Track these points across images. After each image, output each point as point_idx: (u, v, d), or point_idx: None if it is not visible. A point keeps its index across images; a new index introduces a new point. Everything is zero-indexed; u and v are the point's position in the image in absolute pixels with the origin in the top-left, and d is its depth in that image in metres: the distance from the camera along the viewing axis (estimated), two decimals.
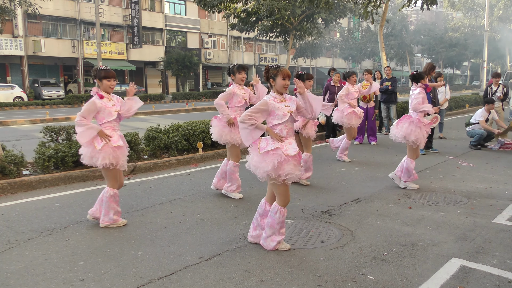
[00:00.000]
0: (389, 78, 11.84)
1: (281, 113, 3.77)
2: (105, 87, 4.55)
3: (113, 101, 4.62)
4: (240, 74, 5.67)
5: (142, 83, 39.40)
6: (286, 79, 3.83)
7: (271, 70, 3.87)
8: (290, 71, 4.01)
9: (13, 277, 3.42)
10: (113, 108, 4.56)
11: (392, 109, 11.88)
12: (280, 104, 3.81)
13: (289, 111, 3.80)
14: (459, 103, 19.48)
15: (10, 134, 12.70)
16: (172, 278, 3.39)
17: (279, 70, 3.83)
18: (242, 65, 5.75)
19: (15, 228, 4.56)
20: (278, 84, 3.85)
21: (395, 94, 11.87)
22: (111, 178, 4.62)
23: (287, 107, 3.81)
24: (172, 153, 8.10)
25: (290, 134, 3.85)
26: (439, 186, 6.31)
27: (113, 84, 4.58)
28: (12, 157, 6.35)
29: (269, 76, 3.89)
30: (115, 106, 4.60)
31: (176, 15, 41.61)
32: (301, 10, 26.56)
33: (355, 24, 55.79)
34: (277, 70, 3.84)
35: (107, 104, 4.53)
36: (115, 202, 4.62)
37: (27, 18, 31.21)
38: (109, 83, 4.55)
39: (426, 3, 15.42)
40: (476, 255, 3.81)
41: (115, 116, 4.56)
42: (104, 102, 4.52)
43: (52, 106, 25.07)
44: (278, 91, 3.88)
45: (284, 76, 3.82)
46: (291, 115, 3.82)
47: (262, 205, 4.06)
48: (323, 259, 3.74)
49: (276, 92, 3.89)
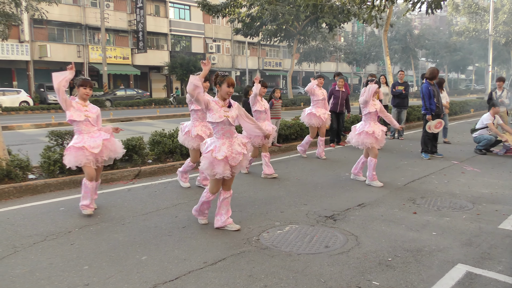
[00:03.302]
0: (402, 82, 11.85)
1: (217, 115, 4.35)
2: (81, 93, 5.12)
3: (87, 107, 5.14)
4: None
5: (146, 88, 39.55)
6: (231, 87, 4.38)
7: (219, 77, 4.41)
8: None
9: (18, 281, 3.43)
10: (84, 113, 5.06)
11: (403, 113, 11.91)
12: (219, 108, 4.38)
13: (226, 115, 4.37)
14: (464, 108, 19.41)
15: (16, 138, 12.77)
16: (177, 282, 3.39)
17: (225, 78, 4.37)
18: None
19: (20, 232, 4.58)
20: (222, 90, 4.39)
21: (407, 98, 11.89)
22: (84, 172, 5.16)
23: (225, 112, 4.39)
24: (176, 157, 8.12)
25: (227, 136, 4.44)
26: (444, 191, 6.28)
27: (88, 92, 5.14)
28: (18, 161, 6.39)
29: (216, 82, 4.42)
30: (87, 112, 5.10)
31: (181, 20, 41.80)
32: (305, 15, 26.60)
33: (359, 28, 55.81)
34: (224, 78, 4.38)
35: (80, 107, 5.07)
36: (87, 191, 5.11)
37: (33, 24, 31.44)
38: (85, 90, 5.11)
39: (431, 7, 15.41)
40: (482, 261, 3.78)
41: (83, 118, 5.03)
42: (78, 104, 5.07)
43: (58, 111, 25.17)
44: (222, 97, 4.43)
45: (229, 84, 4.37)
46: (228, 120, 4.38)
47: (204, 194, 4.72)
48: (328, 264, 3.73)
49: (220, 97, 4.43)
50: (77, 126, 5.07)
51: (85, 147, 4.98)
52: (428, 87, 8.87)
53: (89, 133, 5.11)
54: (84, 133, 5.09)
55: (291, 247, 4.09)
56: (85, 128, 5.09)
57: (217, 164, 4.35)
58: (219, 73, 4.45)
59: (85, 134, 5.09)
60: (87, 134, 5.09)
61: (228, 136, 4.47)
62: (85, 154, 5.00)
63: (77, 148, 4.97)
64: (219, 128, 4.43)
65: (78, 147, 4.97)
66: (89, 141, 5.04)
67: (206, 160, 4.40)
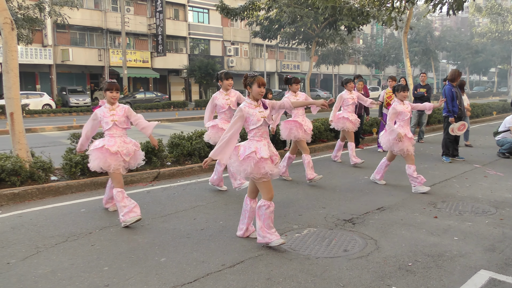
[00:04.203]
0: (424, 85, 11.70)
1: (255, 118, 4.15)
2: (108, 98, 5.06)
3: (115, 111, 5.06)
4: (227, 80, 6.28)
5: (165, 91, 39.95)
6: (262, 86, 4.19)
7: (249, 78, 4.24)
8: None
9: (40, 281, 3.50)
10: (110, 118, 5.00)
11: (424, 116, 11.74)
12: (254, 110, 4.18)
13: (263, 116, 4.18)
14: (486, 110, 19.02)
15: (39, 140, 13.04)
16: (195, 285, 3.40)
17: (255, 78, 4.19)
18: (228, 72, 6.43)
19: (43, 232, 4.67)
20: (254, 91, 4.19)
21: (429, 101, 11.71)
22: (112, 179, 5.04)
23: (261, 112, 4.19)
24: (195, 160, 8.17)
25: (265, 137, 4.25)
26: (466, 195, 6.16)
27: (115, 96, 5.06)
28: (41, 163, 6.52)
29: (247, 83, 4.25)
30: (114, 116, 5.03)
31: (200, 23, 42.14)
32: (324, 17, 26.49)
33: (378, 30, 55.31)
34: (254, 78, 4.20)
35: (106, 114, 5.02)
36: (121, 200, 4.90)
37: (56, 28, 32.13)
38: (111, 94, 5.03)
39: (452, 9, 15.16)
40: (505, 267, 3.69)
41: (111, 124, 4.99)
42: (103, 111, 5.04)
43: (79, 114, 25.67)
44: (254, 97, 4.24)
45: (259, 84, 4.18)
46: (265, 120, 4.19)
47: (245, 201, 4.43)
48: (347, 268, 3.69)
49: (252, 98, 4.25)
50: (108, 131, 5.02)
51: (119, 152, 4.92)
52: (451, 89, 8.72)
53: (121, 136, 5.06)
54: (116, 136, 5.02)
55: (309, 250, 4.07)
56: (116, 132, 5.04)
57: (264, 163, 4.09)
58: (248, 74, 4.29)
59: (117, 137, 5.02)
60: (119, 138, 5.03)
61: (265, 137, 4.27)
62: (118, 159, 4.93)
63: (110, 153, 4.88)
64: (257, 130, 4.21)
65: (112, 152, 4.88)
66: (121, 146, 4.98)
67: (251, 161, 4.08)
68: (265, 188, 4.17)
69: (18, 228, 4.82)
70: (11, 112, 6.62)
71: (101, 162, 4.89)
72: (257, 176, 4.11)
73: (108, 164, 4.89)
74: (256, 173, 4.08)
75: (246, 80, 4.24)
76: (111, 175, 4.99)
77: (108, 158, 4.88)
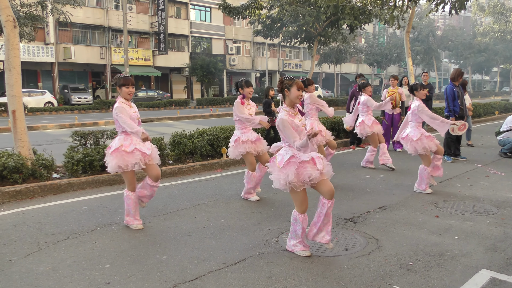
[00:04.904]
0: (426, 84, 11.67)
1: (299, 130, 3.84)
2: (124, 93, 4.67)
3: (133, 107, 4.78)
4: (248, 88, 5.87)
5: (167, 89, 39.98)
6: (301, 90, 3.89)
7: (286, 81, 3.92)
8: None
9: (42, 278, 3.51)
10: (135, 115, 4.71)
11: None
12: (294, 119, 3.89)
13: (303, 125, 3.92)
14: (488, 110, 18.99)
15: (41, 138, 13.07)
16: (196, 283, 3.41)
17: (294, 81, 3.89)
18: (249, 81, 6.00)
19: (44, 230, 4.68)
20: (292, 95, 3.89)
21: (431, 100, 11.68)
22: (125, 181, 4.84)
23: (301, 121, 3.92)
24: (196, 158, 8.18)
25: None
26: (468, 195, 6.16)
27: (131, 91, 4.69)
28: (43, 161, 6.54)
29: (284, 87, 3.93)
30: (136, 113, 4.76)
31: (202, 22, 42.11)
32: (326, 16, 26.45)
33: (381, 29, 55.20)
34: (292, 81, 3.90)
35: (128, 110, 4.66)
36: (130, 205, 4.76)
37: (58, 26, 32.13)
38: (127, 89, 4.66)
39: (455, 8, 15.12)
40: (507, 267, 3.69)
41: (136, 121, 4.68)
42: (125, 107, 4.65)
43: (81, 111, 25.71)
44: (291, 102, 3.93)
45: (298, 87, 3.88)
46: (304, 128, 3.93)
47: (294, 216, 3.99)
48: (348, 267, 3.69)
49: (289, 103, 3.94)
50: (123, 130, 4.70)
51: (136, 149, 4.62)
52: (452, 89, 8.69)
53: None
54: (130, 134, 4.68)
55: (310, 249, 4.07)
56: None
57: (306, 166, 3.79)
58: (284, 78, 3.96)
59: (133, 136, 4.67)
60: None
61: None
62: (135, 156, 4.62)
63: (127, 152, 4.60)
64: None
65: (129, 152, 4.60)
66: (137, 143, 4.67)
67: (292, 166, 3.77)
68: (298, 200, 3.89)
69: (20, 226, 4.83)
70: (13, 110, 6.64)
71: (120, 161, 4.59)
72: (297, 184, 3.78)
73: (126, 163, 4.60)
74: (297, 180, 3.76)
75: (283, 84, 3.93)
76: (125, 175, 4.76)
77: (125, 156, 4.60)
